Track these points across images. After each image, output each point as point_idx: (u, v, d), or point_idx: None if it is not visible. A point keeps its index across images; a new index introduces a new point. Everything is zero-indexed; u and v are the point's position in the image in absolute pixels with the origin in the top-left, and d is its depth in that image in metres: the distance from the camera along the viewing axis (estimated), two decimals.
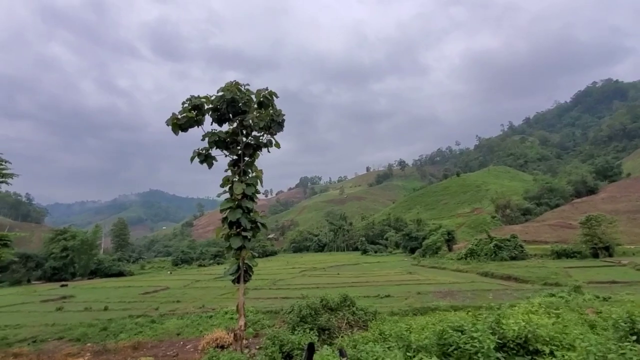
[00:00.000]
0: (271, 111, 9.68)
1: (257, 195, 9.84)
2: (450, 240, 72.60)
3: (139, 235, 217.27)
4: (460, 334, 4.43)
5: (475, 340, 4.18)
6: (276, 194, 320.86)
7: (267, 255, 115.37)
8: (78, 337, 16.25)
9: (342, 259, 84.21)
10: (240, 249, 9.38)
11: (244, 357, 6.64)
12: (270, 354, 6.83)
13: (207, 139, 9.98)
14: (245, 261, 9.51)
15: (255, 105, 9.74)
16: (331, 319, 13.11)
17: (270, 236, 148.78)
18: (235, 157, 10.06)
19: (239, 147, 10.13)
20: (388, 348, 6.43)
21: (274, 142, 9.89)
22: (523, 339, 4.64)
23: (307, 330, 9.29)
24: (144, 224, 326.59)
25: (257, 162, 10.30)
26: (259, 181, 9.92)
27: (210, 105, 10.05)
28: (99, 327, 17.78)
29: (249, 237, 9.29)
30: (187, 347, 13.16)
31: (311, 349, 5.76)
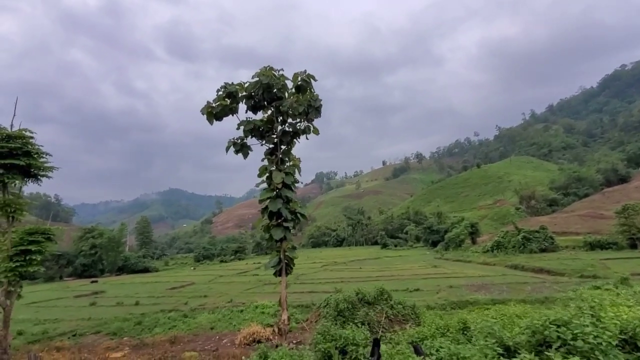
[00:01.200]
0: (308, 96, 9.23)
1: (296, 185, 9.43)
2: (473, 232, 70.77)
3: (160, 232, 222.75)
4: (564, 328, 3.86)
5: (591, 336, 3.62)
6: None
7: None
8: (114, 331, 16.48)
9: (362, 254, 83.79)
10: (281, 240, 9.03)
11: (296, 354, 6.28)
12: (324, 350, 6.42)
13: (242, 127, 9.62)
14: (286, 253, 9.16)
15: (292, 90, 9.29)
16: (369, 313, 12.68)
17: None
18: (271, 145, 9.67)
19: (274, 135, 9.73)
20: (458, 342, 5.90)
21: (312, 128, 9.44)
22: (630, 333, 4.04)
23: (359, 325, 8.85)
24: (165, 221, 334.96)
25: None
26: (296, 170, 9.51)
27: (244, 93, 9.68)
28: (134, 322, 18.00)
29: (290, 227, 8.92)
30: (224, 341, 13.02)
31: (377, 344, 5.34)
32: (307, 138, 9.50)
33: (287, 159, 9.57)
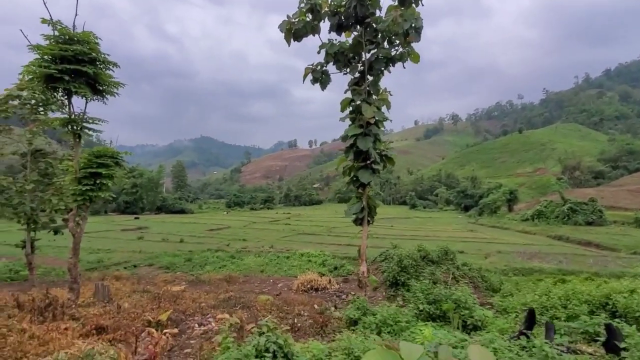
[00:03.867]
0: (412, 11, 7.47)
1: (383, 125, 8.06)
2: (511, 200, 67.73)
3: (192, 178, 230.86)
4: None
5: None
6: (320, 144, 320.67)
7: (312, 204, 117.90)
8: (167, 265, 16.88)
9: (390, 212, 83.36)
10: (364, 185, 7.94)
11: (398, 311, 5.41)
12: (429, 310, 5.50)
13: (324, 50, 8.15)
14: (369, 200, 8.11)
15: (395, 2, 7.54)
16: (435, 273, 11.80)
17: (315, 185, 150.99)
18: (357, 74, 8.21)
19: (360, 63, 8.22)
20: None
21: (410, 53, 7.80)
22: None
23: (463, 285, 7.90)
24: (196, 168, 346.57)
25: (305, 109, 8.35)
26: (385, 106, 8.08)
27: (327, 9, 8.05)
28: (183, 258, 18.40)
29: (379, 170, 7.76)
30: (279, 285, 12.73)
31: (533, 315, 4.31)
32: (403, 66, 7.92)
33: (373, 91, 8.11)
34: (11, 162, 12.55)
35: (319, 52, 8.30)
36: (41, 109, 12.72)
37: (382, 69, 8.03)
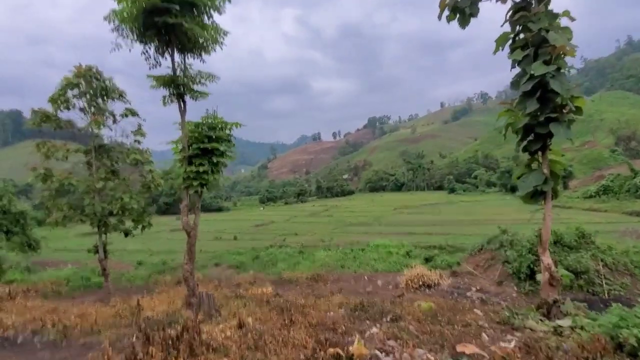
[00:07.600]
0: None
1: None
2: (566, 176, 62.51)
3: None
4: None
5: None
6: (344, 136, 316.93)
7: (345, 195, 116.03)
8: (236, 264, 15.61)
9: (429, 198, 79.94)
10: (544, 147, 5.86)
11: None
12: None
13: None
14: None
15: None
16: (582, 261, 9.53)
17: (344, 176, 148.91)
18: (515, 1, 6.06)
19: None
20: None
21: None
22: None
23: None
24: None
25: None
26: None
27: None
28: (249, 256, 17.11)
29: (565, 123, 5.62)
30: (379, 282, 10.94)
31: None
32: None
33: (546, 17, 5.93)
34: (75, 161, 11.40)
35: None
36: (100, 100, 11.51)
37: None
